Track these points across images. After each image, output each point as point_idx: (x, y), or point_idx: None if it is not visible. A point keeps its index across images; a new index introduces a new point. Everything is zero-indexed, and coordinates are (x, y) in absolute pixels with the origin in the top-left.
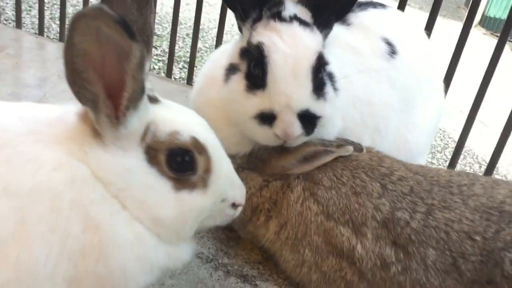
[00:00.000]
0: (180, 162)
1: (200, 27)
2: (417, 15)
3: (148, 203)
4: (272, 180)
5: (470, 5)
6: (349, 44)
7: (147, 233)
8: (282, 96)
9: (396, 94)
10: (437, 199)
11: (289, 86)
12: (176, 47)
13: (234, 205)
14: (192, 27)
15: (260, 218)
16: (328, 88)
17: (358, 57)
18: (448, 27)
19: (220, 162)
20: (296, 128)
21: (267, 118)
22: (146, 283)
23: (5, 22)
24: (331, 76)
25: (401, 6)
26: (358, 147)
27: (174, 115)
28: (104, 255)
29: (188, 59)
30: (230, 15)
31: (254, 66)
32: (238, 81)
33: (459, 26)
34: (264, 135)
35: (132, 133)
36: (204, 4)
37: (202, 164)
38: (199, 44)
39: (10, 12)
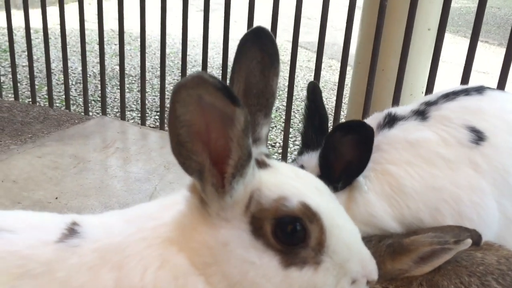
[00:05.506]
0: (288, 233)
1: None
2: (497, 52)
3: (249, 282)
4: None
5: None
6: (407, 140)
7: None
8: None
9: (485, 178)
10: None
11: None
12: None
13: (367, 283)
14: None
15: None
16: None
17: (415, 150)
18: None
19: (339, 233)
20: None
21: None
22: None
23: (110, 114)
24: None
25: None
26: (476, 238)
27: (281, 178)
28: None
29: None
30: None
31: None
32: None
33: None
34: None
35: (237, 202)
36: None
37: (315, 235)
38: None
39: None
